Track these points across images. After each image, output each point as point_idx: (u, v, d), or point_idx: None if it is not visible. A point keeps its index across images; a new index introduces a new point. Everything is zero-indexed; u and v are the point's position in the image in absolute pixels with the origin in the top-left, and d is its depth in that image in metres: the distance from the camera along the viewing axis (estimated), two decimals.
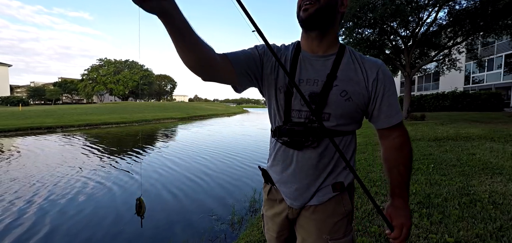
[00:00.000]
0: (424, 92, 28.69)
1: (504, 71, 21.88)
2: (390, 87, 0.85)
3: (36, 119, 18.36)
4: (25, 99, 52.07)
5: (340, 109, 0.82)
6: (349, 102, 0.82)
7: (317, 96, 0.82)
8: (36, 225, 3.42)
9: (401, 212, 0.83)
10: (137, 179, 5.42)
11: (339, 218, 0.88)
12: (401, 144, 0.86)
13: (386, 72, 0.86)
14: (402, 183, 0.85)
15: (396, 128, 0.86)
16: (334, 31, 0.87)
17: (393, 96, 0.85)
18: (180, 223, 3.54)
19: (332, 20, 0.84)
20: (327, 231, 0.87)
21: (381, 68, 0.85)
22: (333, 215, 0.87)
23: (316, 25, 0.83)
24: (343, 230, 0.88)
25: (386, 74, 0.86)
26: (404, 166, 0.85)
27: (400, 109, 0.86)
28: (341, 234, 0.87)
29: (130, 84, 53.83)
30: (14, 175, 5.70)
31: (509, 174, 3.40)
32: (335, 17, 0.85)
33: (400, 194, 0.85)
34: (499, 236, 2.00)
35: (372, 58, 0.89)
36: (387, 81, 0.85)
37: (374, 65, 0.85)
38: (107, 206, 4.06)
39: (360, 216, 2.49)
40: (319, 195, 0.87)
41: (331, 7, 0.82)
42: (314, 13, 0.80)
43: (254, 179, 5.33)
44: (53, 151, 8.63)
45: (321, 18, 0.81)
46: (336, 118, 0.83)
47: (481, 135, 6.34)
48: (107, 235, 3.20)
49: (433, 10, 11.08)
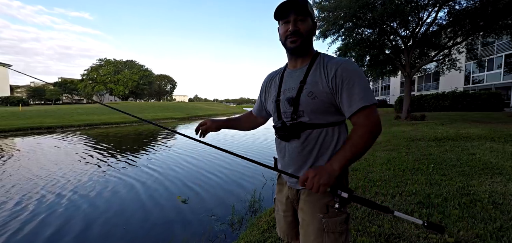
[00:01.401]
0: (424, 92, 28.69)
1: (504, 71, 21.88)
2: (350, 79, 0.98)
3: (36, 119, 18.36)
4: (25, 99, 52.07)
5: (309, 107, 1.03)
6: (315, 100, 1.02)
7: (292, 100, 1.07)
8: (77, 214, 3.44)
9: (317, 168, 0.96)
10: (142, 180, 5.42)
11: (329, 198, 1.02)
12: (359, 125, 0.98)
13: (347, 67, 1.00)
14: (340, 154, 0.97)
15: (360, 113, 0.97)
16: (310, 48, 1.12)
17: (354, 87, 0.97)
18: (179, 223, 3.54)
19: (309, 44, 1.11)
20: (319, 210, 1.03)
21: (341, 65, 1.00)
22: (324, 197, 1.02)
23: (301, 50, 1.10)
24: (334, 210, 0.99)
25: (346, 69, 0.99)
26: (352, 143, 0.97)
27: (366, 95, 0.96)
28: (334, 213, 1.01)
29: (130, 84, 53.80)
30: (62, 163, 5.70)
31: (509, 174, 3.39)
32: (311, 41, 1.12)
33: (332, 160, 0.98)
34: (499, 236, 2.00)
35: (339, 58, 1.05)
36: (346, 75, 0.99)
37: (335, 64, 1.02)
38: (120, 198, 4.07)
39: (360, 216, 2.49)
40: None
41: (309, 37, 1.09)
42: (300, 44, 1.07)
43: (254, 178, 5.33)
44: (68, 151, 8.64)
45: (304, 46, 1.09)
46: (308, 114, 1.04)
47: (481, 135, 6.34)
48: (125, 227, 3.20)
49: (433, 10, 11.07)
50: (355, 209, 2.64)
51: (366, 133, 0.96)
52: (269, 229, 2.59)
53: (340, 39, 12.93)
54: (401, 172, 3.80)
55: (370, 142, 0.97)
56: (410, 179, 3.43)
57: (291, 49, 1.09)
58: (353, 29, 12.03)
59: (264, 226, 2.66)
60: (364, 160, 4.73)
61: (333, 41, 12.84)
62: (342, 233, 1.02)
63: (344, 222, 1.02)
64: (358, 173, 3.95)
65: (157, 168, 6.31)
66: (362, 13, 10.78)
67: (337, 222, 1.01)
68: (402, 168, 3.98)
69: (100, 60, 55.00)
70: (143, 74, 56.93)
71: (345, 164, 0.96)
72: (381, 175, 3.73)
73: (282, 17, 1.08)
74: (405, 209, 2.54)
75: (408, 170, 3.88)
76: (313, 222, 1.04)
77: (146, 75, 57.65)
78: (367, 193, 3.05)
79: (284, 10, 1.07)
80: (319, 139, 1.03)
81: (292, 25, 1.05)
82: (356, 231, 2.23)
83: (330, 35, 12.14)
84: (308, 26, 1.07)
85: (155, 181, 5.28)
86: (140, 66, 58.09)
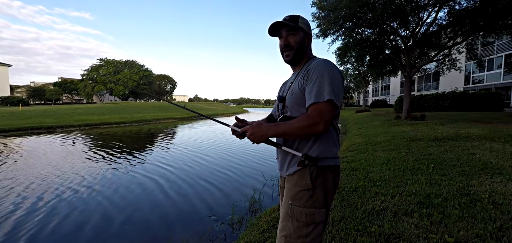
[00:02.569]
0: (424, 92, 28.68)
1: (504, 71, 21.88)
2: (313, 77, 1.09)
3: (36, 119, 18.35)
4: (25, 99, 52.04)
5: (290, 103, 1.19)
6: (292, 97, 1.18)
7: (281, 98, 1.26)
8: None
9: (255, 128, 1.13)
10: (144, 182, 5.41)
11: (301, 188, 1.11)
12: (306, 113, 1.08)
13: (317, 66, 1.11)
14: (278, 126, 1.11)
15: (310, 107, 1.07)
16: (305, 56, 1.26)
17: (315, 84, 1.08)
18: (180, 223, 3.54)
19: (303, 54, 1.25)
20: (291, 197, 1.13)
21: (315, 64, 1.13)
22: (296, 185, 1.13)
23: (294, 61, 1.27)
24: (303, 200, 1.10)
25: (316, 68, 1.11)
26: (291, 122, 1.08)
27: (321, 92, 1.05)
28: (302, 203, 1.10)
29: (130, 84, 53.75)
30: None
31: (509, 174, 3.39)
32: (305, 50, 1.25)
33: (270, 126, 1.11)
34: (499, 236, 2.00)
35: (320, 60, 1.16)
36: (312, 72, 1.11)
37: (312, 65, 1.14)
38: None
39: (360, 216, 2.48)
40: (290, 168, 1.19)
41: (301, 48, 1.24)
42: (293, 56, 1.24)
43: (254, 178, 5.33)
44: (83, 150, 8.64)
45: (297, 57, 1.25)
46: (290, 109, 1.20)
47: (481, 135, 6.33)
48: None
49: (433, 10, 11.06)
50: (355, 209, 2.64)
51: (305, 120, 1.05)
52: (269, 229, 2.59)
53: (340, 39, 12.92)
54: (401, 172, 3.79)
55: (305, 131, 1.05)
56: (410, 179, 3.43)
57: (286, 62, 1.27)
58: (353, 29, 12.00)
59: (264, 226, 2.66)
60: (364, 160, 4.73)
61: (333, 41, 12.83)
62: (308, 224, 1.08)
63: (311, 216, 1.07)
64: (358, 173, 3.95)
65: (157, 168, 6.31)
66: (362, 13, 10.77)
67: (302, 212, 1.08)
68: (402, 168, 3.98)
69: (100, 60, 54.97)
70: (143, 74, 56.90)
71: (277, 135, 1.12)
72: (381, 175, 3.73)
73: (275, 35, 1.28)
74: (405, 209, 2.54)
75: (408, 170, 3.88)
76: (284, 206, 1.17)
77: (146, 75, 57.61)
78: (367, 193, 3.05)
79: (275, 29, 1.24)
80: None
81: (283, 40, 1.23)
82: (356, 231, 2.23)
83: (330, 34, 12.13)
84: (299, 39, 1.22)
85: (155, 181, 5.28)
86: (140, 66, 58.07)
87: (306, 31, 1.24)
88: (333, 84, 1.06)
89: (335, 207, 2.73)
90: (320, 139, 1.13)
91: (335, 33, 12.13)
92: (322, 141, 1.12)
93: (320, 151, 1.12)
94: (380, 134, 8.10)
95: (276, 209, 3.14)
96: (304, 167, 1.12)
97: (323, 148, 1.12)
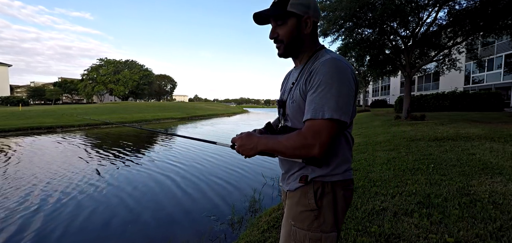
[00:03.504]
0: (424, 92, 28.68)
1: (504, 71, 21.88)
2: (316, 82, 0.87)
3: (36, 119, 18.36)
4: (25, 99, 52.07)
5: (291, 112, 1.00)
6: (293, 105, 0.98)
7: (281, 102, 1.07)
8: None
9: (244, 139, 0.97)
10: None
11: (304, 208, 0.94)
12: (301, 131, 0.87)
13: (321, 68, 0.87)
14: (270, 140, 0.93)
15: (306, 122, 0.87)
16: (307, 47, 1.02)
17: (316, 94, 0.86)
18: (179, 223, 3.54)
19: (300, 45, 1.02)
20: (292, 217, 0.97)
21: (317, 63, 0.91)
22: (298, 204, 0.96)
23: (288, 56, 1.05)
24: (307, 222, 0.93)
25: (319, 70, 0.88)
26: (283, 139, 0.89)
27: (321, 107, 0.83)
28: (305, 226, 0.93)
29: (130, 84, 53.78)
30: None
31: (509, 174, 3.39)
32: (303, 40, 1.01)
33: (262, 139, 0.94)
34: (499, 236, 2.00)
35: (328, 56, 0.90)
36: (315, 75, 0.88)
37: (318, 63, 0.91)
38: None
39: (360, 216, 2.48)
40: (291, 183, 1.00)
41: (295, 39, 1.00)
42: (283, 51, 1.02)
43: (254, 179, 5.33)
44: (83, 150, 8.65)
45: (290, 51, 1.03)
46: (291, 119, 1.01)
47: (481, 135, 6.33)
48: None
49: (433, 10, 11.07)
50: (355, 209, 2.64)
51: (296, 140, 0.86)
52: (269, 229, 2.59)
53: (340, 39, 12.94)
54: (401, 172, 3.79)
55: (296, 153, 0.87)
56: (410, 179, 3.43)
57: (279, 56, 1.05)
58: (353, 29, 12.01)
59: (264, 226, 2.66)
60: (364, 160, 4.73)
61: (333, 41, 12.85)
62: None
63: (316, 241, 0.91)
64: (358, 173, 3.95)
65: (157, 169, 6.31)
66: (362, 13, 10.78)
67: (306, 236, 0.92)
68: (402, 168, 3.98)
69: (100, 60, 55.00)
70: (143, 74, 56.92)
71: (267, 152, 0.94)
72: (381, 175, 3.73)
73: (263, 23, 1.05)
74: (405, 209, 2.54)
75: (408, 170, 3.88)
76: (285, 225, 1.00)
77: (146, 75, 57.64)
78: (367, 193, 3.05)
79: (262, 18, 1.02)
80: None
81: (271, 32, 1.02)
82: (356, 231, 2.23)
83: (330, 34, 12.14)
84: (290, 28, 0.98)
85: (154, 182, 5.28)
86: (140, 66, 58.10)
87: (301, 14, 0.96)
88: (340, 96, 0.83)
89: None
90: (330, 148, 0.93)
91: (335, 33, 12.15)
92: (333, 150, 0.93)
93: (328, 163, 0.93)
94: (380, 134, 8.11)
95: (276, 209, 3.14)
96: (306, 183, 0.94)
97: (332, 159, 0.93)
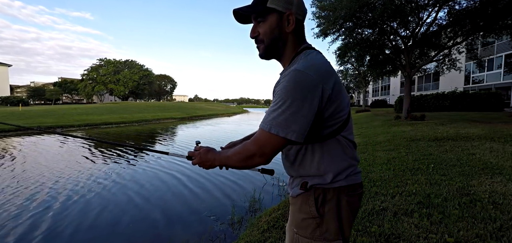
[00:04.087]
0: (424, 92, 28.68)
1: (504, 71, 21.88)
2: (276, 93, 0.83)
3: (36, 119, 18.36)
4: (25, 99, 52.07)
5: None
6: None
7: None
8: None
9: (203, 155, 0.98)
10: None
11: (306, 216, 0.91)
12: (243, 145, 0.88)
13: (283, 80, 0.81)
14: (223, 153, 0.94)
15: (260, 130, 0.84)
16: (289, 47, 0.94)
17: (272, 104, 0.82)
18: (180, 223, 3.54)
19: (283, 45, 0.93)
20: (295, 224, 0.94)
21: (286, 76, 0.82)
22: (300, 211, 0.93)
23: (270, 57, 0.97)
24: (310, 230, 0.90)
25: (281, 82, 0.82)
26: (232, 153, 0.89)
27: (271, 118, 0.79)
28: (308, 234, 0.90)
29: (130, 84, 53.80)
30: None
31: (509, 174, 3.39)
32: (285, 40, 0.93)
33: (219, 154, 0.95)
34: (499, 236, 2.00)
35: (299, 64, 0.83)
36: (278, 88, 0.83)
37: (287, 70, 0.87)
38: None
39: (360, 216, 2.48)
40: (294, 189, 0.97)
41: (276, 39, 0.92)
42: (264, 51, 0.95)
43: (254, 179, 5.33)
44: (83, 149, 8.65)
45: (271, 52, 0.95)
46: None
47: (481, 135, 6.33)
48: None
49: (433, 10, 11.07)
50: None
51: (242, 150, 0.85)
52: (269, 229, 2.59)
53: (340, 39, 12.94)
54: (401, 172, 3.79)
55: (243, 164, 0.87)
56: (410, 179, 3.43)
57: (260, 57, 0.98)
58: (353, 29, 12.01)
59: (264, 226, 2.66)
60: (364, 160, 4.73)
61: (333, 41, 12.85)
62: None
63: None
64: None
65: (157, 169, 6.31)
66: (362, 13, 10.78)
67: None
68: (402, 168, 3.98)
69: (100, 60, 55.02)
70: (143, 74, 56.92)
71: (223, 165, 0.96)
72: (381, 175, 3.73)
73: (245, 22, 0.99)
74: (405, 209, 2.54)
75: (408, 170, 3.88)
76: (289, 231, 0.99)
77: (146, 75, 57.64)
78: (367, 193, 3.05)
79: (243, 16, 0.95)
80: (299, 153, 0.92)
81: (251, 31, 0.95)
82: (356, 231, 2.23)
83: (330, 34, 12.14)
84: (271, 26, 0.90)
85: (154, 182, 5.28)
86: (140, 66, 58.11)
87: (282, 11, 0.88)
88: (292, 113, 0.77)
89: None
90: (324, 154, 0.88)
91: (335, 33, 12.15)
92: (328, 156, 0.88)
93: (325, 169, 0.88)
94: (380, 134, 8.11)
95: (276, 209, 3.14)
96: (306, 190, 0.91)
97: (329, 165, 0.88)
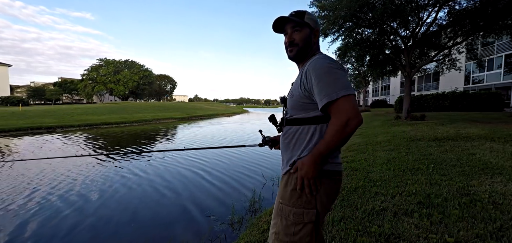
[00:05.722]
0: (424, 92, 28.67)
1: (504, 71, 21.87)
2: (316, 76, 1.05)
3: (36, 119, 18.36)
4: (25, 99, 52.06)
5: (290, 104, 1.20)
6: (292, 99, 1.18)
7: (282, 98, 1.29)
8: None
9: (301, 160, 1.09)
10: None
11: (291, 187, 1.12)
12: (332, 121, 1.03)
13: (314, 65, 1.08)
14: (319, 145, 1.05)
15: (330, 106, 1.02)
16: (311, 54, 1.22)
17: (321, 83, 1.04)
18: (180, 223, 3.54)
19: (309, 50, 1.21)
20: (281, 196, 1.17)
21: (310, 64, 1.10)
22: (287, 185, 1.15)
23: (299, 59, 1.24)
24: (293, 200, 1.11)
25: (313, 68, 1.07)
26: (327, 134, 1.04)
27: (329, 90, 1.01)
28: (290, 203, 1.11)
29: (130, 84, 53.78)
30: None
31: (509, 174, 3.39)
32: (311, 47, 1.22)
33: (312, 151, 1.07)
34: (499, 236, 2.00)
35: (315, 58, 1.12)
36: (313, 72, 1.07)
37: (308, 65, 1.12)
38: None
39: (360, 216, 2.48)
40: (284, 167, 1.20)
41: (308, 44, 1.20)
42: (296, 53, 1.21)
43: (254, 179, 5.33)
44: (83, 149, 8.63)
45: (301, 54, 1.22)
46: (290, 110, 1.20)
47: (481, 135, 6.33)
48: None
49: (433, 10, 11.06)
50: (355, 209, 2.64)
51: (334, 128, 1.00)
52: (269, 229, 2.59)
53: (340, 39, 12.92)
54: (401, 172, 3.79)
55: (341, 136, 1.00)
56: (410, 179, 3.43)
57: (289, 58, 1.24)
58: (353, 29, 12.00)
59: (264, 226, 2.66)
60: (364, 160, 4.73)
61: (333, 41, 12.84)
62: (296, 224, 1.09)
63: (299, 215, 1.08)
64: (358, 173, 3.95)
65: (157, 169, 6.31)
66: (362, 13, 10.77)
67: (291, 212, 1.10)
68: (402, 168, 3.98)
69: (100, 60, 54.98)
70: (143, 74, 56.89)
71: (321, 156, 1.04)
72: (381, 175, 3.73)
73: (280, 31, 1.25)
74: (405, 209, 2.54)
75: (408, 170, 3.88)
76: (276, 203, 1.20)
77: (146, 75, 57.61)
78: (367, 193, 3.05)
79: (280, 24, 1.21)
80: (295, 135, 1.15)
81: (288, 37, 1.21)
82: (356, 231, 2.23)
83: (330, 34, 12.13)
84: (305, 35, 1.19)
85: (154, 182, 5.28)
86: (140, 66, 58.09)
87: (313, 27, 1.21)
88: (340, 75, 1.04)
89: (335, 207, 2.73)
90: (313, 142, 1.10)
91: (335, 33, 12.13)
92: (315, 144, 1.10)
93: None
94: (380, 134, 8.11)
95: None
96: (292, 167, 1.14)
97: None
